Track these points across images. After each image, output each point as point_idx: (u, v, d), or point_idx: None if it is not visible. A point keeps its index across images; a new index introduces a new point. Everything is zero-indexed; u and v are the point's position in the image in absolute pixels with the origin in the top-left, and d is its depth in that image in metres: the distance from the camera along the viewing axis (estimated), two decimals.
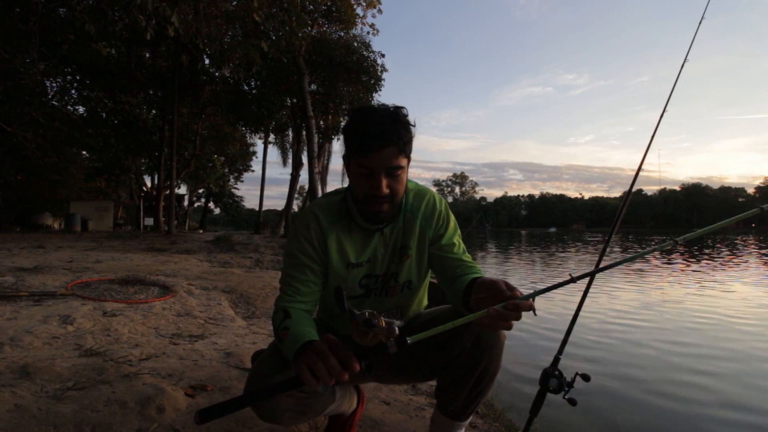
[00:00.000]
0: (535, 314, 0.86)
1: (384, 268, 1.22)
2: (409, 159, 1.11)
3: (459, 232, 1.27)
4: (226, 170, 31.96)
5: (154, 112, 19.86)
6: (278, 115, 18.35)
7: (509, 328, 0.87)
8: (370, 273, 1.21)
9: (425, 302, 1.39)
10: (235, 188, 43.96)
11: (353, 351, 0.87)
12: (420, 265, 1.24)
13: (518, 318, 0.85)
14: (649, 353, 3.54)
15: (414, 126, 1.09)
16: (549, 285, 0.90)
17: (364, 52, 15.22)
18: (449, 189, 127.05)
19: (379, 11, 15.77)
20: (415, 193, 1.24)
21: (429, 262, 1.25)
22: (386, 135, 1.02)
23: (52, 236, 13.28)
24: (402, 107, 1.09)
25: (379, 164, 1.04)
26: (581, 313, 1.38)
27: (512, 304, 0.84)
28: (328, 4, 14.74)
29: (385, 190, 1.06)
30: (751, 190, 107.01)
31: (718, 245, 19.80)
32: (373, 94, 15.69)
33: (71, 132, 17.01)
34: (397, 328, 0.84)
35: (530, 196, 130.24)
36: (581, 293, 1.41)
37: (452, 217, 1.27)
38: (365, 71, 15.29)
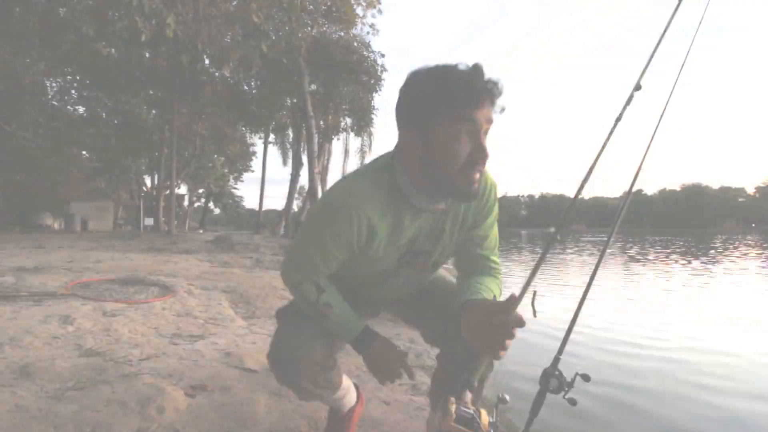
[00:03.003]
0: (535, 316, 0.85)
1: (421, 245, 1.12)
2: None
3: (496, 228, 1.15)
4: (226, 170, 31.95)
5: (154, 112, 19.85)
6: (278, 115, 18.37)
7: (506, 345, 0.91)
8: (409, 249, 1.11)
9: None
10: (235, 188, 43.86)
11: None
12: (450, 248, 1.15)
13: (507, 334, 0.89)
14: (650, 353, 3.53)
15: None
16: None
17: (364, 52, 15.25)
18: None
19: (379, 11, 15.82)
20: None
21: (456, 247, 1.15)
22: (490, 87, 0.88)
23: (52, 236, 13.29)
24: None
25: (483, 119, 0.89)
26: (581, 313, 1.38)
27: (501, 324, 0.87)
28: (328, 4, 14.76)
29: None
30: (751, 190, 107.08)
31: (721, 244, 19.82)
32: (373, 94, 15.73)
33: (71, 132, 17.02)
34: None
35: (530, 196, 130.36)
36: (582, 293, 1.41)
37: (496, 210, 1.13)
38: (365, 71, 15.32)
